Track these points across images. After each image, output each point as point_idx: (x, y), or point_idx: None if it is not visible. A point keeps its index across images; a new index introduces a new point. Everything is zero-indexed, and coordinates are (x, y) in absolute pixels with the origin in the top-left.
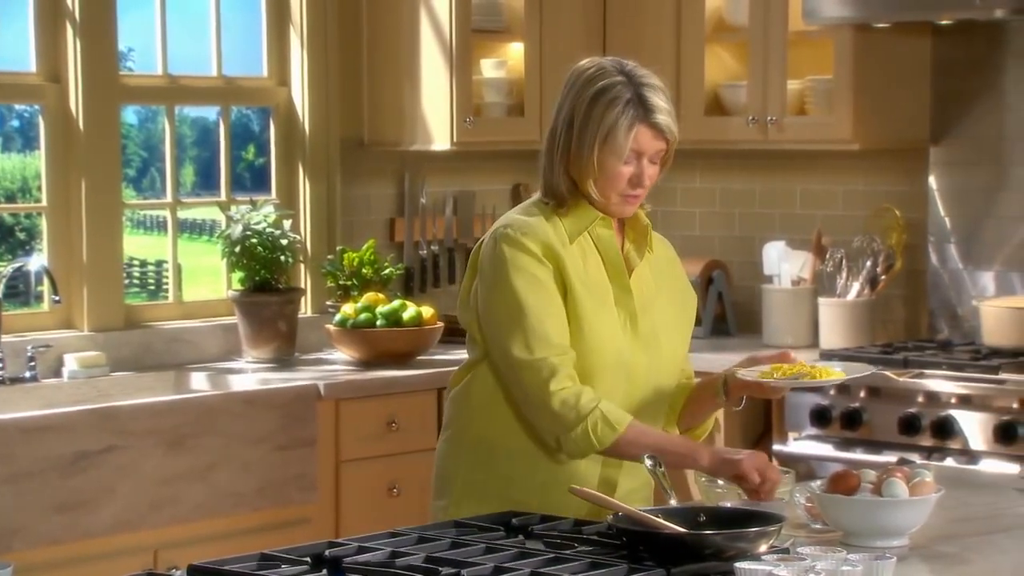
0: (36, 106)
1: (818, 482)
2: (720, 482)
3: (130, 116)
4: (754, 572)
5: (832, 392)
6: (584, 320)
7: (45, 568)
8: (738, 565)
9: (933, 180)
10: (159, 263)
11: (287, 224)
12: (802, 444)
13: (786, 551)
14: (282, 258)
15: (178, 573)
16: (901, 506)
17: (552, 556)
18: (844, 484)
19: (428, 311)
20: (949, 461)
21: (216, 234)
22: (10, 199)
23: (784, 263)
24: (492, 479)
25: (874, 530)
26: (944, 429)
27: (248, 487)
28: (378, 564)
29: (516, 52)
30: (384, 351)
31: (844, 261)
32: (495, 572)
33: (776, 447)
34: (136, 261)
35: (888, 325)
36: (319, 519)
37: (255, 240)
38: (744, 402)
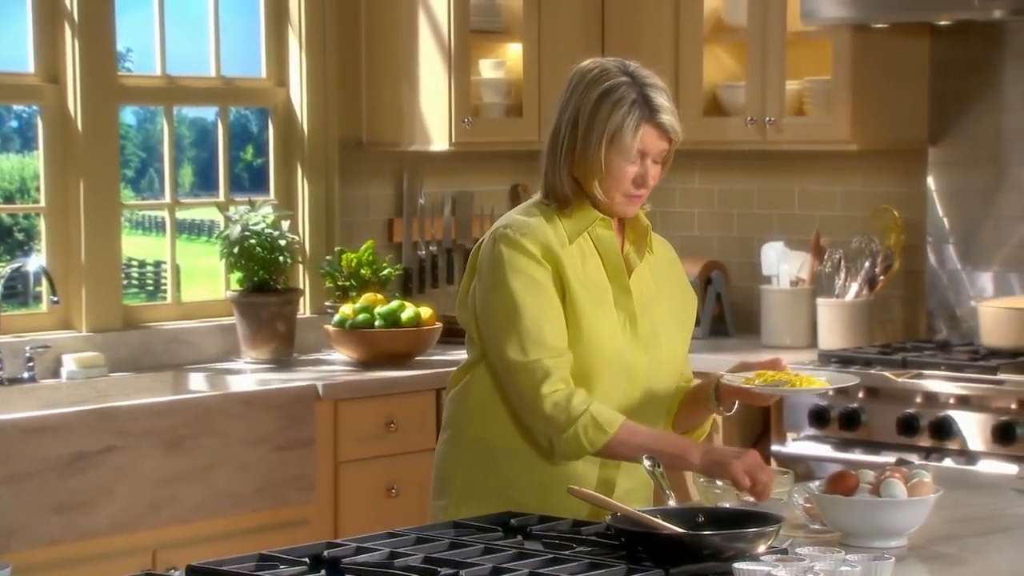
0: (34, 106)
1: (817, 482)
2: (719, 482)
3: (128, 117)
4: (752, 573)
5: (830, 393)
6: (583, 321)
7: (43, 569)
8: (736, 566)
9: (931, 181)
10: (157, 264)
11: (285, 225)
12: (801, 444)
13: (784, 551)
14: (280, 259)
15: (176, 574)
16: (900, 507)
17: (550, 557)
18: (843, 484)
19: (427, 312)
20: (947, 462)
21: (214, 235)
22: (8, 200)
23: (783, 264)
24: (491, 479)
25: (873, 530)
26: (942, 430)
27: (247, 488)
28: (376, 565)
29: (515, 53)
30: (383, 352)
31: (843, 262)
32: (493, 573)
33: (775, 447)
34: (135, 262)
35: (886, 325)
36: (318, 520)
37: (253, 241)
38: (736, 407)
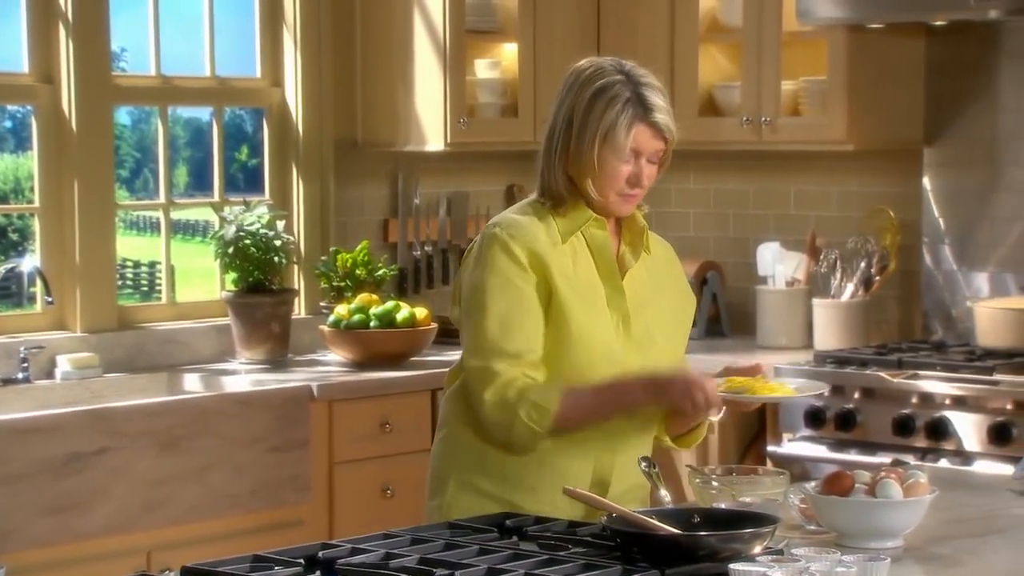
0: (29, 107)
1: (812, 483)
2: (714, 483)
3: (123, 117)
4: (748, 573)
5: (826, 393)
6: (572, 321)
7: (38, 570)
8: (732, 566)
9: (927, 181)
10: (152, 264)
11: (280, 225)
12: (796, 445)
13: (780, 552)
14: (275, 259)
15: (171, 575)
16: (895, 507)
17: (546, 557)
18: (838, 485)
19: (422, 312)
20: (943, 462)
21: (209, 235)
22: (3, 200)
23: (778, 264)
24: (484, 479)
25: (868, 531)
26: (938, 430)
27: (241, 488)
28: (372, 565)
29: (510, 53)
30: (378, 352)
31: (838, 262)
32: (489, 574)
33: (770, 448)
34: (129, 262)
35: (882, 326)
36: (312, 520)
37: (248, 241)
38: (723, 412)
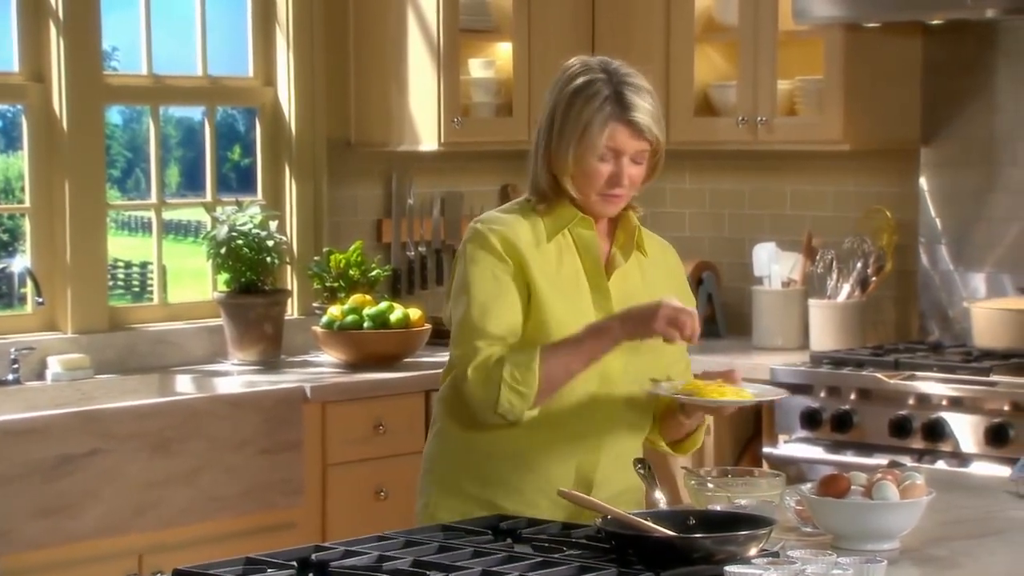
0: (19, 106)
1: (808, 485)
2: (710, 485)
3: (114, 116)
4: None
5: (822, 395)
6: (552, 319)
7: (29, 572)
8: (728, 569)
9: (924, 181)
10: (144, 264)
11: (273, 225)
12: (792, 447)
13: (776, 554)
14: (268, 259)
15: None
16: (892, 509)
17: (540, 560)
18: (834, 487)
19: (415, 313)
20: (940, 464)
21: (201, 235)
22: None
23: (774, 264)
24: (469, 479)
25: (864, 533)
26: (935, 431)
27: (233, 491)
28: (365, 568)
29: (504, 52)
30: (371, 353)
31: (834, 262)
32: None
33: (766, 450)
34: (120, 262)
35: (879, 327)
36: (305, 523)
37: (241, 241)
38: (704, 417)
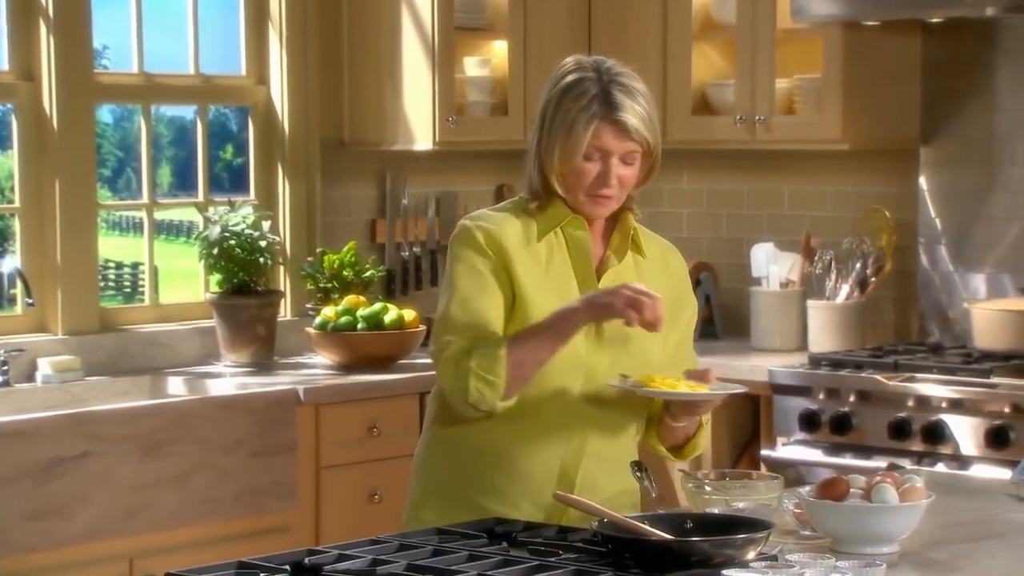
0: (9, 105)
1: (807, 488)
2: (707, 488)
3: (105, 115)
4: None
5: (821, 396)
6: (537, 318)
7: None
8: (725, 572)
9: (923, 181)
10: (135, 265)
11: (266, 225)
12: (791, 449)
13: (774, 558)
14: (261, 260)
15: None
16: (891, 512)
17: (536, 564)
18: (833, 490)
19: (410, 314)
20: (940, 466)
21: (193, 235)
22: None
23: (772, 265)
24: (455, 477)
25: (864, 537)
26: (935, 434)
27: (226, 494)
28: (359, 572)
29: (500, 50)
30: (365, 355)
31: (833, 263)
32: None
33: (764, 452)
34: (112, 263)
35: (878, 328)
36: (298, 527)
37: (233, 242)
38: (700, 421)
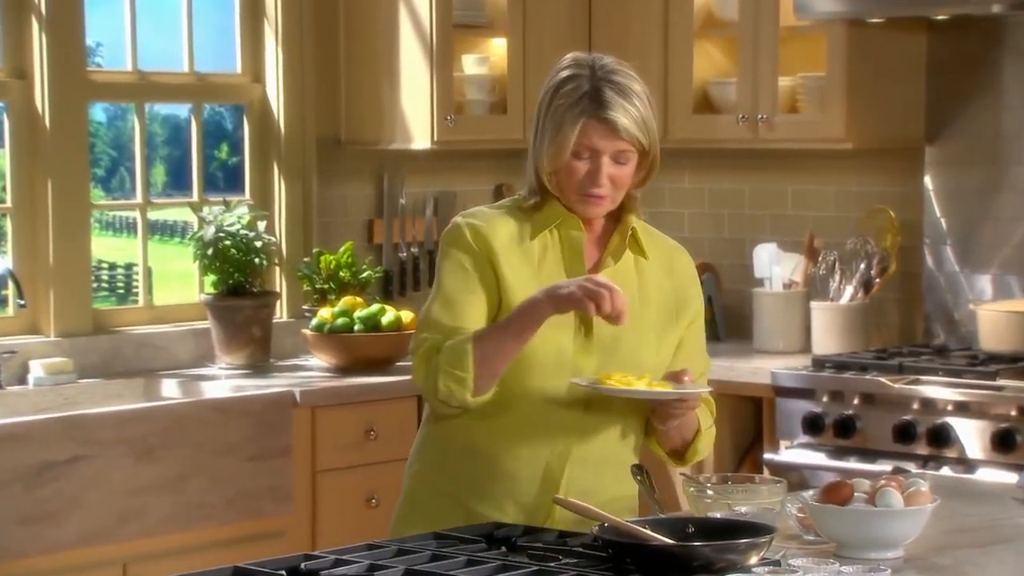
0: (0, 103)
1: (810, 492)
2: (709, 492)
3: (98, 114)
4: None
5: (825, 399)
6: None
7: None
8: None
9: (929, 180)
10: (129, 266)
11: (261, 225)
12: (794, 453)
13: (777, 563)
14: (256, 261)
15: None
16: (896, 517)
17: (536, 569)
18: (837, 494)
19: (408, 315)
20: (945, 470)
21: (188, 236)
22: None
23: (775, 266)
24: (441, 477)
25: (868, 541)
26: (940, 437)
27: (220, 498)
28: None
29: (499, 48)
30: (362, 357)
31: (837, 264)
32: None
33: (767, 456)
34: (105, 264)
35: (882, 330)
36: (294, 531)
37: (228, 242)
38: (676, 420)
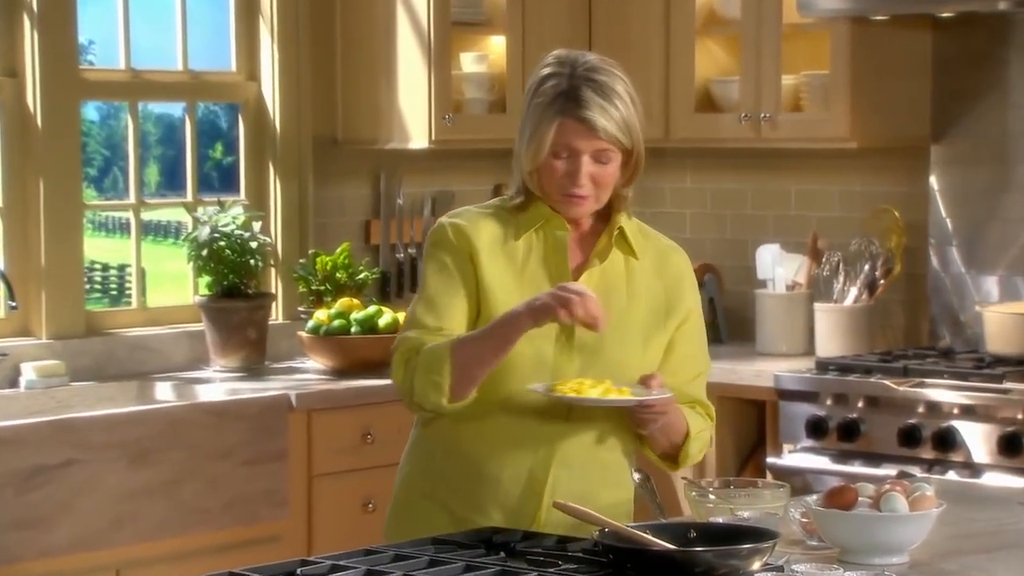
0: None
1: (814, 496)
2: (711, 496)
3: (91, 112)
4: None
5: (829, 402)
6: (498, 315)
7: None
8: None
9: (934, 180)
10: (122, 267)
11: (257, 226)
12: (798, 457)
13: (780, 569)
14: (251, 262)
15: None
16: (901, 521)
17: (535, 574)
18: (841, 499)
19: (405, 317)
20: (951, 474)
21: (182, 237)
22: None
23: (778, 267)
24: (428, 479)
25: (872, 547)
26: (946, 441)
27: (215, 503)
28: None
29: (498, 46)
30: (359, 359)
31: (841, 265)
32: None
33: (770, 460)
34: (97, 265)
35: (887, 332)
36: (290, 536)
37: (223, 243)
38: (657, 424)
